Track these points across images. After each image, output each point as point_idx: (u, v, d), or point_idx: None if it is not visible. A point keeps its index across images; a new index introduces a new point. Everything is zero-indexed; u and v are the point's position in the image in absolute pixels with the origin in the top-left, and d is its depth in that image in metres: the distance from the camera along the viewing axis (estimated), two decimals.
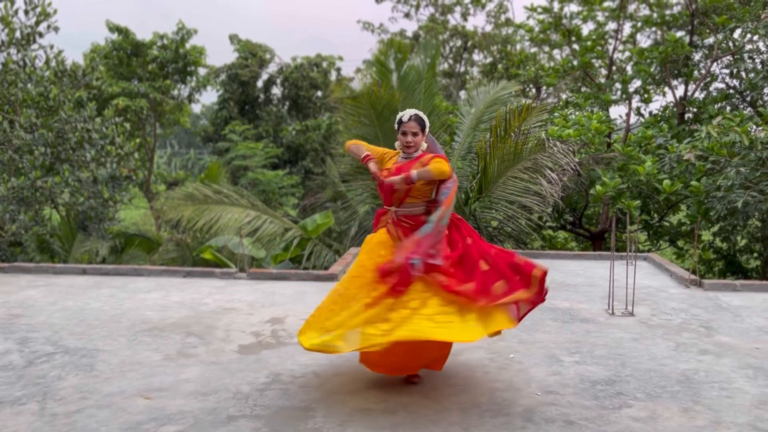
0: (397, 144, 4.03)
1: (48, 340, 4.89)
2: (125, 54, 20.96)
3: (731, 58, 13.50)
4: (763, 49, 12.53)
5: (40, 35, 10.12)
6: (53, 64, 9.74)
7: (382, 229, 4.00)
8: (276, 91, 26.10)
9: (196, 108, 31.42)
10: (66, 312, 5.74)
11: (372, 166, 4.00)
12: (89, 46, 21.32)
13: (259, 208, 11.63)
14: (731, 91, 13.84)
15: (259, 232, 11.12)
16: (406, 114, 3.94)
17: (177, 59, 21.28)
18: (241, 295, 6.49)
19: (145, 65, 21.22)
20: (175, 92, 22.41)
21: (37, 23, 9.91)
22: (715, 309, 5.93)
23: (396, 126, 4.00)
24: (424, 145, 4.00)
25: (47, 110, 9.42)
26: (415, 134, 3.91)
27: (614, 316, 5.67)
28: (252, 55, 24.56)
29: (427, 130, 3.98)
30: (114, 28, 20.52)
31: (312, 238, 11.56)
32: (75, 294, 6.44)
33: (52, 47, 10.28)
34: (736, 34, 13.53)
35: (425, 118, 3.98)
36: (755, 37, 12.86)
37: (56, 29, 10.60)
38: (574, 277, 7.48)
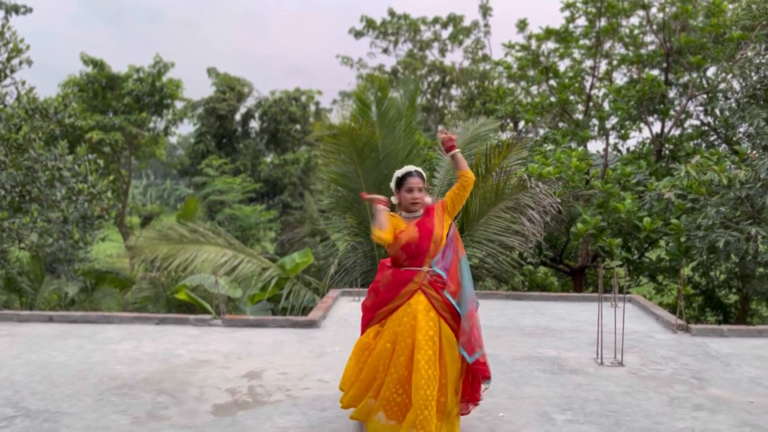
0: (393, 199, 3.88)
1: (8, 401, 4.58)
2: (100, 87, 20.70)
3: (706, 97, 13.72)
4: (737, 88, 12.72)
5: (12, 71, 9.88)
6: (24, 101, 9.47)
7: (413, 290, 3.70)
8: (254, 124, 25.99)
9: (173, 138, 31.14)
10: (29, 367, 5.41)
11: (377, 215, 3.73)
12: (66, 77, 21.05)
13: (236, 247, 11.37)
14: (706, 128, 14.03)
15: (236, 272, 10.84)
16: (409, 170, 3.83)
17: (153, 92, 21.08)
18: (216, 344, 6.21)
19: (120, 98, 20.97)
20: (151, 125, 22.15)
21: (9, 59, 9.67)
22: (704, 357, 5.81)
23: (396, 183, 3.86)
24: (428, 199, 3.89)
25: (17, 148, 9.12)
26: (420, 189, 3.80)
27: (603, 366, 5.51)
28: (230, 88, 24.46)
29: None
30: (89, 61, 20.29)
31: (290, 277, 11.30)
32: (40, 345, 6.10)
33: (23, 83, 10.03)
34: (710, 72, 13.78)
35: (423, 173, 3.90)
36: (729, 76, 13.08)
37: (29, 63, 10.37)
38: (559, 321, 7.33)
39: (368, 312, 3.91)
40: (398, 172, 3.86)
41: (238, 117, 25.32)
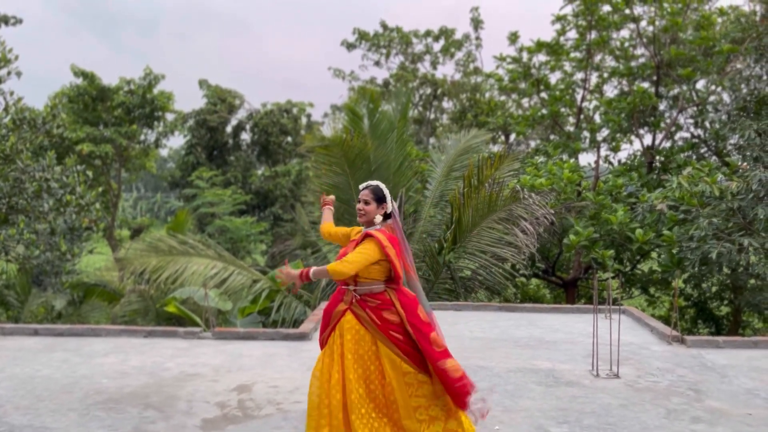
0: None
1: None
2: (90, 99, 20.57)
3: (696, 109, 13.80)
4: (727, 100, 12.81)
5: (0, 81, 9.78)
6: (12, 111, 9.36)
7: (346, 310, 3.72)
8: (245, 136, 25.91)
9: (164, 151, 31.00)
10: (13, 381, 5.27)
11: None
12: (58, 88, 20.91)
13: (226, 259, 11.25)
14: (696, 140, 14.10)
15: (226, 284, 10.72)
16: (364, 184, 3.90)
17: (144, 104, 20.98)
18: (205, 357, 6.09)
19: (110, 110, 20.85)
20: (142, 137, 22.02)
21: None
22: (701, 369, 5.75)
23: None
24: (379, 218, 3.78)
25: (4, 159, 9.00)
26: (366, 203, 3.77)
27: (599, 378, 5.44)
28: (221, 100, 24.40)
29: (386, 204, 3.79)
30: (79, 73, 20.18)
31: (281, 289, 11.17)
32: (24, 359, 5.96)
33: (12, 93, 9.93)
34: (700, 85, 13.87)
35: (385, 192, 3.81)
36: (719, 89, 13.17)
37: (18, 74, 10.27)
38: (553, 333, 7.26)
39: (321, 341, 3.87)
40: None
41: (229, 129, 25.24)
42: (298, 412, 4.61)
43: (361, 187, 3.89)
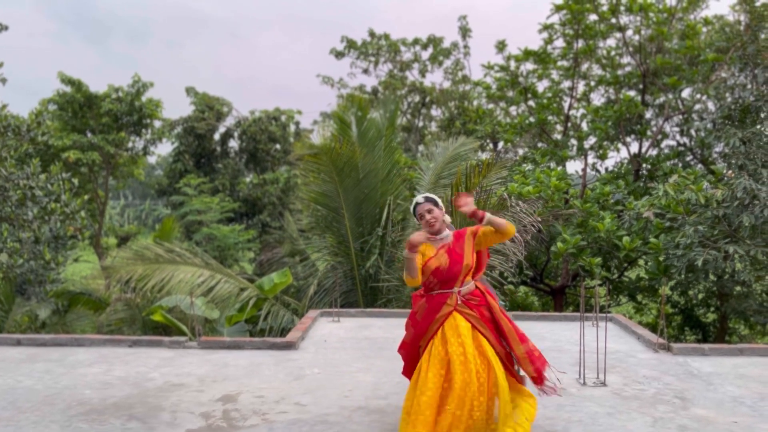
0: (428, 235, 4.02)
1: None
2: (78, 106, 20.42)
3: (681, 117, 13.92)
4: (712, 108, 12.92)
5: None
6: None
7: (448, 312, 3.89)
8: (233, 144, 25.83)
9: (152, 159, 30.84)
10: None
11: (411, 244, 3.80)
12: (47, 95, 20.77)
13: (214, 267, 11.17)
14: (682, 148, 14.21)
15: (213, 292, 10.64)
16: (416, 200, 4.05)
17: (132, 112, 20.85)
18: (191, 367, 6.03)
19: (98, 118, 20.70)
20: (130, 145, 21.88)
21: None
22: (686, 376, 5.76)
23: (414, 217, 4.10)
24: (448, 218, 4.09)
25: None
26: (430, 211, 3.98)
27: (586, 387, 5.43)
28: (209, 108, 24.32)
29: (440, 205, 4.06)
30: (66, 80, 20.03)
31: (269, 297, 11.11)
32: (6, 370, 5.87)
33: None
34: (686, 93, 14.00)
35: (434, 196, 4.09)
36: (704, 97, 13.30)
37: (3, 81, 10.17)
38: (541, 341, 7.25)
39: (409, 347, 4.06)
40: (410, 207, 4.12)
41: (217, 136, 25.16)
42: (283, 422, 4.57)
43: (419, 201, 4.03)
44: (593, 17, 14.55)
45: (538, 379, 3.96)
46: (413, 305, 4.10)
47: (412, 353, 4.04)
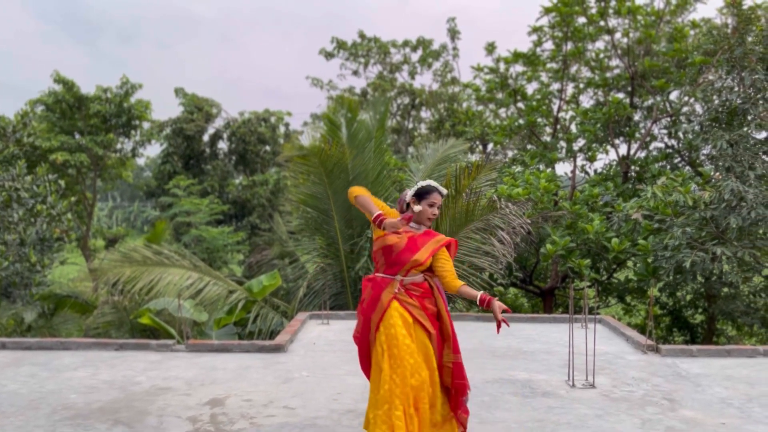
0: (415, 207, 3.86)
1: None
2: (67, 107, 20.25)
3: (669, 120, 13.99)
4: (700, 111, 13.00)
5: None
6: None
7: (390, 301, 3.76)
8: (222, 145, 25.72)
9: (140, 160, 30.62)
10: None
11: (390, 223, 3.66)
12: (35, 95, 20.57)
13: (202, 270, 11.10)
14: (670, 150, 14.28)
15: (201, 295, 10.57)
16: (438, 187, 3.88)
17: (120, 113, 20.71)
18: (178, 371, 5.98)
19: (86, 119, 20.54)
20: (119, 146, 21.73)
21: None
22: (675, 378, 5.78)
23: (418, 193, 3.87)
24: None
25: None
26: (440, 207, 3.94)
27: (575, 389, 5.43)
28: (198, 109, 24.21)
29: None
30: (59, 80, 19.86)
31: (258, 300, 11.05)
32: None
33: None
34: (674, 96, 14.08)
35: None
36: (692, 100, 13.37)
37: None
38: (530, 343, 7.26)
39: (362, 337, 3.90)
40: (426, 183, 3.89)
41: (206, 138, 25.04)
42: (271, 426, 4.53)
43: (443, 192, 3.90)
44: (582, 20, 14.61)
45: (457, 402, 3.81)
46: (363, 291, 3.97)
47: (364, 346, 3.90)
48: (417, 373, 3.59)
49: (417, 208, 3.84)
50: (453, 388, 3.78)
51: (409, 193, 3.93)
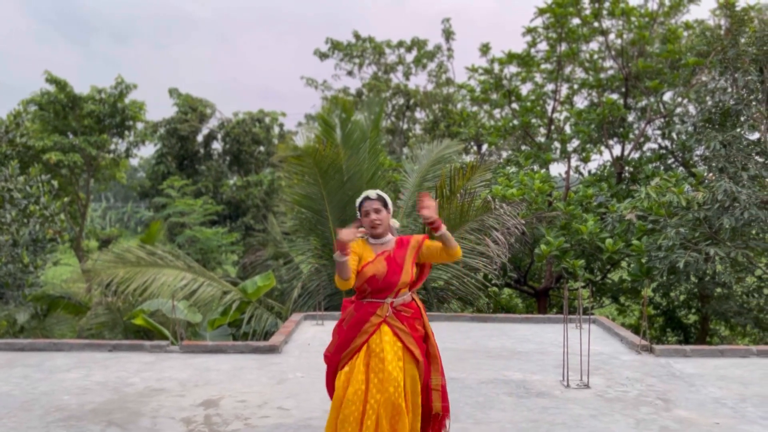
0: (361, 229, 3.66)
1: None
2: (60, 107, 20.15)
3: (663, 120, 14.04)
4: (693, 112, 13.05)
5: None
6: None
7: (378, 323, 3.58)
8: (216, 146, 25.66)
9: (134, 161, 30.53)
10: None
11: (344, 233, 3.38)
12: (28, 95, 20.45)
13: (196, 270, 11.06)
14: (664, 151, 14.34)
15: (195, 296, 10.53)
16: (366, 194, 3.67)
17: (115, 114, 20.63)
18: (172, 372, 5.95)
19: (80, 119, 20.45)
20: (112, 147, 21.66)
21: None
22: (669, 378, 5.79)
23: (357, 211, 3.70)
24: (396, 223, 3.80)
25: None
26: (378, 211, 3.62)
27: (570, 389, 5.44)
28: (192, 109, 24.15)
29: (390, 207, 3.72)
30: (52, 80, 19.76)
31: (252, 301, 11.03)
32: None
33: None
34: (667, 97, 14.13)
35: (386, 196, 3.73)
36: (685, 101, 13.43)
37: None
38: (524, 344, 7.27)
39: (333, 357, 3.70)
40: (358, 200, 3.71)
41: (200, 138, 24.98)
42: (266, 427, 4.52)
43: (371, 195, 3.65)
44: (576, 21, 14.65)
45: (441, 423, 3.70)
46: (342, 311, 3.80)
47: (333, 366, 3.69)
48: (397, 401, 3.43)
49: (363, 227, 3.67)
50: (441, 410, 3.65)
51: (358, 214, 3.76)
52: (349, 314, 3.69)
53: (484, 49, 17.17)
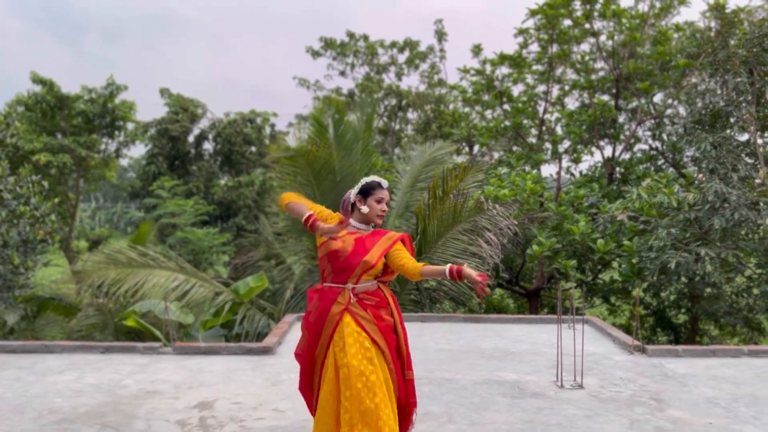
0: (362, 208, 3.55)
1: None
2: (48, 107, 20.00)
3: (653, 122, 14.14)
4: (683, 113, 13.14)
5: None
6: None
7: (340, 312, 3.45)
8: (208, 146, 25.56)
9: (124, 161, 30.34)
10: None
11: (324, 228, 3.33)
12: (15, 95, 20.23)
13: (188, 271, 11.03)
14: (654, 152, 14.43)
15: (187, 297, 10.49)
16: (382, 182, 3.57)
17: (105, 114, 20.50)
18: (165, 374, 5.93)
19: (70, 119, 20.31)
20: (102, 147, 21.52)
21: None
22: (662, 378, 5.83)
23: (363, 190, 3.56)
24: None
25: None
26: (387, 203, 3.59)
27: (564, 389, 5.47)
28: (183, 109, 24.04)
29: None
30: (38, 80, 19.61)
31: (244, 302, 11.00)
32: None
33: None
34: (658, 98, 14.22)
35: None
36: (675, 102, 13.53)
37: None
38: (518, 344, 7.29)
39: (306, 357, 3.59)
40: (369, 179, 3.58)
41: (191, 138, 24.88)
42: (261, 429, 4.51)
43: (383, 184, 3.56)
44: (567, 22, 14.72)
45: (407, 420, 3.61)
46: (308, 303, 3.65)
47: (308, 365, 3.59)
48: (368, 398, 3.31)
49: (364, 209, 3.52)
50: (408, 406, 3.59)
51: (353, 192, 3.59)
52: (314, 306, 3.57)
53: (476, 50, 17.21)
